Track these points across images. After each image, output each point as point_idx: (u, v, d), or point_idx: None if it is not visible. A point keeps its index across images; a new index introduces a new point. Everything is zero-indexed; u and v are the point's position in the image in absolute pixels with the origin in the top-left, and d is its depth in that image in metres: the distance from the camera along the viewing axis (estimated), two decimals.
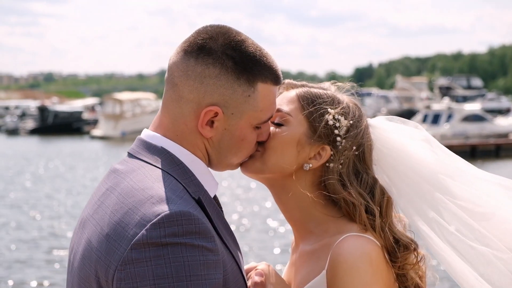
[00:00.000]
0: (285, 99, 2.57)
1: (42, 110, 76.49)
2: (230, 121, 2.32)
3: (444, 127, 43.70)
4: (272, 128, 2.52)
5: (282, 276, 2.67)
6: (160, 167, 2.27)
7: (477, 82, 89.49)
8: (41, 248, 17.61)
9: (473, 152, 42.35)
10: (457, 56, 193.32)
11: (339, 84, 2.67)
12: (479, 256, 2.48)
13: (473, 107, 50.15)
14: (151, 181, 2.21)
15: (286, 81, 2.62)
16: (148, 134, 2.38)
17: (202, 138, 2.34)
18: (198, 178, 2.31)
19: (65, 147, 56.29)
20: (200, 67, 2.28)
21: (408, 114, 54.05)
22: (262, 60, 2.34)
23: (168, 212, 2.09)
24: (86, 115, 79.81)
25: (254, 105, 2.34)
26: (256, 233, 19.25)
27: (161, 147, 2.32)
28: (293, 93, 2.59)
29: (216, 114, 2.30)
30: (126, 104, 65.71)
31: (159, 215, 2.08)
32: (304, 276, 2.49)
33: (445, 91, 74.05)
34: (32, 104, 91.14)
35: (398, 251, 2.46)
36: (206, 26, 2.37)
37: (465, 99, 69.91)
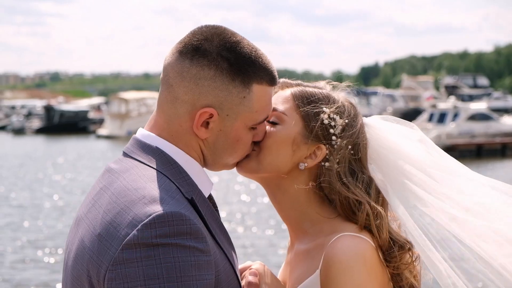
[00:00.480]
0: (280, 98, 2.56)
1: (48, 109, 76.64)
2: (225, 122, 2.32)
3: (450, 126, 43.63)
4: (267, 127, 2.51)
5: (278, 275, 2.67)
6: (154, 167, 2.27)
7: (483, 81, 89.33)
8: (46, 248, 17.62)
9: (479, 151, 42.34)
10: (463, 55, 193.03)
11: (334, 83, 2.66)
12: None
13: (479, 106, 50.06)
14: (144, 181, 2.21)
15: (281, 80, 2.62)
16: (143, 134, 2.37)
17: (197, 139, 2.33)
18: (192, 178, 2.31)
19: (71, 146, 56.40)
20: (195, 69, 2.27)
21: (414, 113, 53.99)
22: (258, 61, 2.33)
23: (159, 212, 2.08)
24: (92, 115, 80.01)
25: (249, 106, 2.33)
26: (260, 232, 19.24)
27: (156, 146, 2.32)
28: (288, 92, 2.58)
29: (211, 116, 2.29)
30: (131, 103, 65.83)
31: (150, 215, 2.08)
32: (299, 275, 2.49)
33: (451, 90, 73.91)
34: (38, 104, 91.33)
35: (394, 250, 2.45)
36: (201, 27, 2.36)
37: (471, 98, 69.74)
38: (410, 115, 53.90)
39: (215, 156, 2.38)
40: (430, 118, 45.95)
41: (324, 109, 2.53)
